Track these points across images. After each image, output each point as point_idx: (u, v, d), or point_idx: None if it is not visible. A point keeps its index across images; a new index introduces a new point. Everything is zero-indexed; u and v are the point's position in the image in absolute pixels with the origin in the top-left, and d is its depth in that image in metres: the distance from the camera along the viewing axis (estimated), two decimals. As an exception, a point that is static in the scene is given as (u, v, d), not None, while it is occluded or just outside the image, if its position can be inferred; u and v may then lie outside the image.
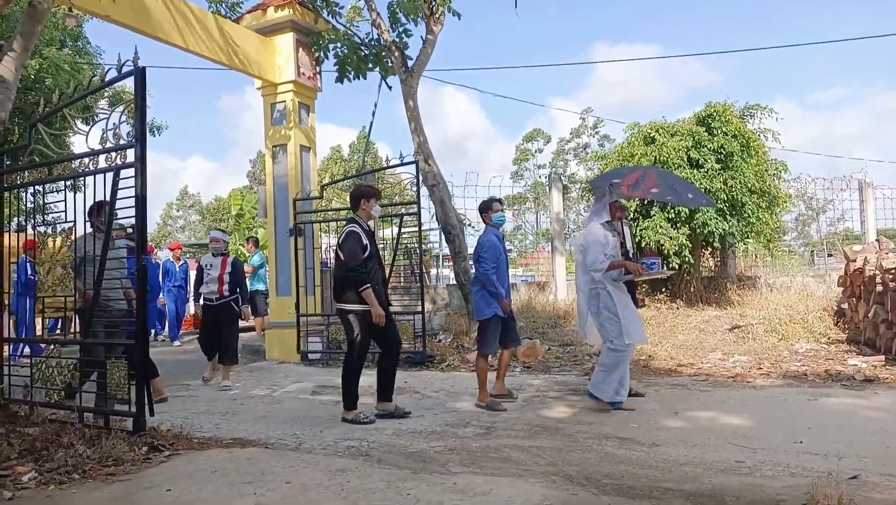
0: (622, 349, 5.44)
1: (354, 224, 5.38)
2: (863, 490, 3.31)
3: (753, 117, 12.11)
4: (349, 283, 5.22)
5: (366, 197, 5.50)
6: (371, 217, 5.56)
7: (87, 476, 3.83)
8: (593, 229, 5.66)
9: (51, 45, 12.98)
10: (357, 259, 5.19)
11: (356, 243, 5.25)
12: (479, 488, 3.50)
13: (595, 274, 5.55)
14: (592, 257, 5.53)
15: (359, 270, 5.18)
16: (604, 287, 5.55)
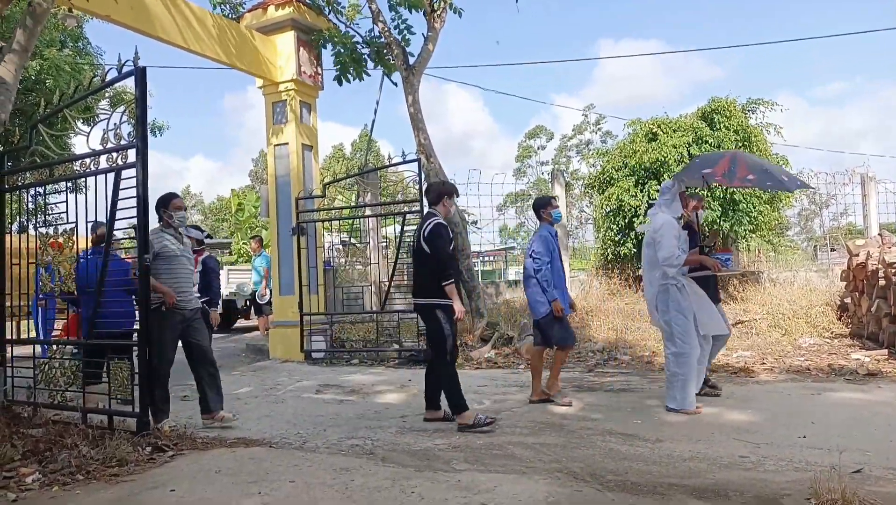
0: (687, 351, 5.19)
1: (437, 217, 5.17)
2: (866, 484, 3.30)
3: (755, 112, 12.10)
4: (434, 276, 4.99)
5: (449, 194, 5.33)
6: (449, 214, 5.41)
7: (91, 477, 3.84)
8: (665, 222, 5.33)
9: (51, 46, 13.01)
10: (447, 252, 5.02)
11: (446, 235, 5.08)
12: (484, 486, 3.50)
13: (669, 269, 5.25)
14: (667, 252, 5.19)
15: (448, 263, 5.02)
16: (676, 283, 5.30)
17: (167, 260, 5.04)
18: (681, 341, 5.23)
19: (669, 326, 5.32)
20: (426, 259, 5.06)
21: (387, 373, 8.05)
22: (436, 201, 5.30)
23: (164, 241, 5.07)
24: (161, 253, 5.01)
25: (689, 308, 5.28)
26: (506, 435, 4.67)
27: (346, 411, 5.73)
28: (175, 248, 5.10)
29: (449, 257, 5.02)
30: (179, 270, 5.09)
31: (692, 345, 5.22)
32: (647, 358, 8.13)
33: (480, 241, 14.11)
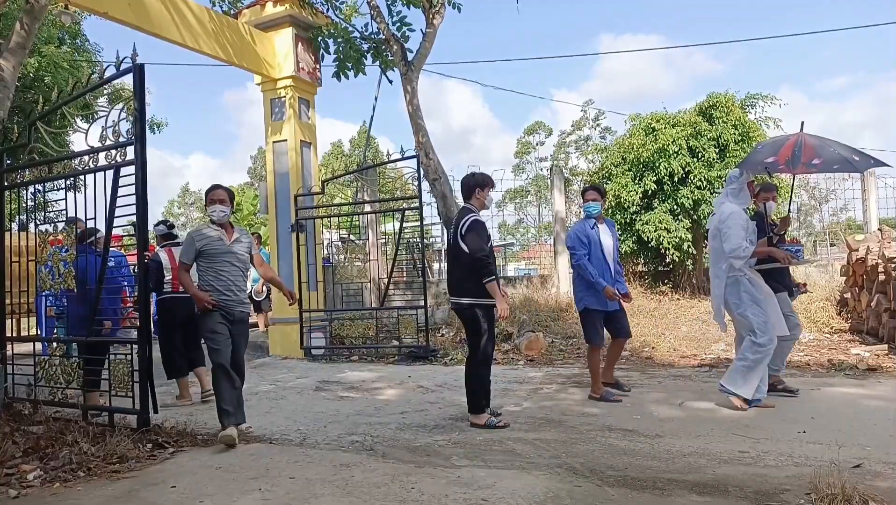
0: (765, 342, 4.99)
1: (473, 212, 4.96)
2: (866, 478, 3.31)
3: (755, 107, 12.09)
4: (472, 274, 4.79)
5: (480, 186, 5.06)
6: (485, 207, 5.15)
7: (92, 474, 3.85)
8: (733, 213, 5.14)
9: (49, 43, 12.98)
10: (485, 249, 4.79)
11: (483, 231, 4.88)
12: (484, 481, 3.51)
13: (737, 261, 5.06)
14: (735, 243, 5.00)
15: (487, 260, 4.78)
16: (744, 274, 5.11)
17: (209, 258, 4.72)
18: (760, 332, 5.01)
19: (747, 319, 5.08)
20: (463, 257, 4.84)
21: (386, 369, 8.06)
22: (468, 196, 5.08)
23: (206, 238, 4.73)
24: (204, 251, 4.72)
25: (765, 300, 5.10)
26: (505, 431, 4.67)
27: (346, 408, 5.73)
28: (219, 246, 4.74)
29: (487, 255, 4.80)
30: (223, 269, 4.72)
31: (771, 337, 5.02)
32: (646, 354, 8.14)
33: (480, 238, 14.06)
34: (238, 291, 4.81)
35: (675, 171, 10.58)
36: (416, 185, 9.09)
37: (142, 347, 4.81)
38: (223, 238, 4.78)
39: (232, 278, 4.76)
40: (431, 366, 8.21)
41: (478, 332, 4.85)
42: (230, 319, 4.72)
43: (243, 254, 4.88)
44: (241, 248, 4.86)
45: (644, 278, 12.10)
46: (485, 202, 5.11)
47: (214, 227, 4.79)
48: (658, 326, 9.43)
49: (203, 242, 4.72)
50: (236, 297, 4.78)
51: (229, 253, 4.77)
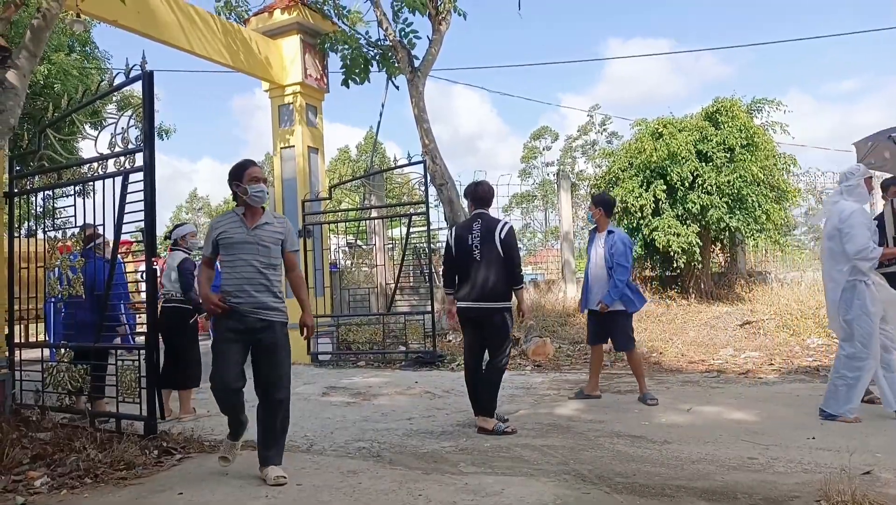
0: (864, 356, 4.71)
1: (508, 221, 5.14)
2: (876, 485, 3.28)
3: (761, 111, 12.06)
4: (507, 279, 4.86)
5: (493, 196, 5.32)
6: None
7: (99, 480, 3.85)
8: (854, 211, 4.80)
9: (59, 51, 13.08)
10: (519, 255, 5.00)
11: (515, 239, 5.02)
12: (491, 488, 3.49)
13: (863, 264, 4.71)
14: (860, 244, 4.66)
15: (520, 266, 4.97)
16: (865, 279, 4.75)
17: (225, 249, 3.87)
18: (861, 345, 4.73)
19: (850, 327, 4.78)
20: (499, 262, 4.84)
21: (393, 375, 8.05)
22: (487, 205, 5.20)
23: (223, 225, 3.90)
24: (220, 240, 3.88)
25: (877, 312, 4.75)
26: (513, 437, 4.66)
27: (353, 414, 5.73)
28: (236, 233, 3.84)
29: (520, 262, 4.99)
30: (238, 263, 3.82)
31: (872, 351, 4.71)
32: (654, 359, 8.10)
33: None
34: (258, 290, 3.81)
35: (685, 177, 10.56)
36: (423, 191, 9.11)
37: (149, 354, 4.82)
38: (243, 224, 3.88)
39: (248, 275, 3.81)
40: (438, 371, 8.19)
41: (508, 336, 4.95)
42: (244, 328, 3.79)
43: (269, 244, 3.89)
44: (267, 236, 3.89)
45: (652, 283, 12.06)
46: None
47: (239, 209, 3.95)
48: (666, 331, 9.39)
49: (219, 231, 3.88)
50: (253, 298, 3.79)
51: (246, 243, 3.84)
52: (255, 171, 3.92)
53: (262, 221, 3.92)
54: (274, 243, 3.92)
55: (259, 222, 3.90)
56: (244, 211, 3.92)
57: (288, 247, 4.00)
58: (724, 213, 10.42)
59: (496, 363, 4.93)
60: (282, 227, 3.99)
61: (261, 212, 3.95)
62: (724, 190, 10.44)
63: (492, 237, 4.88)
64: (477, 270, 4.91)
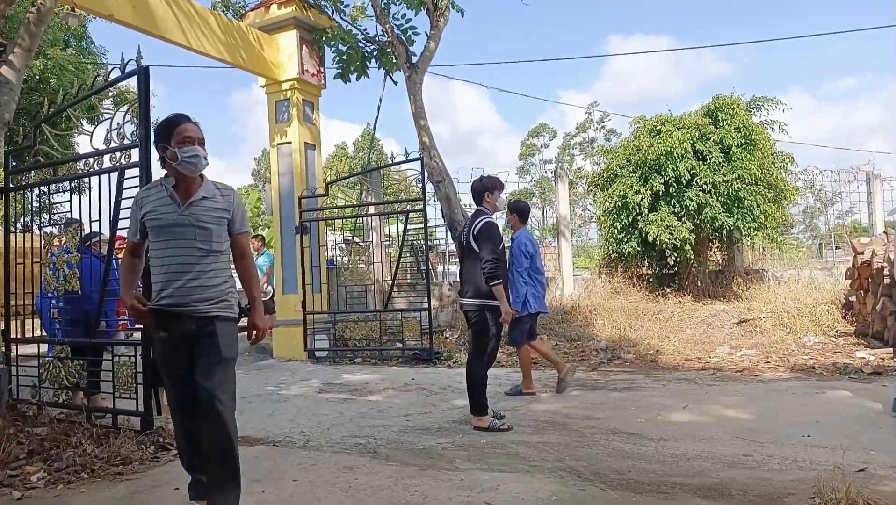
0: None
1: (486, 215, 5.04)
2: (870, 483, 3.29)
3: (761, 110, 12.07)
4: (482, 276, 4.84)
5: (489, 189, 5.15)
6: (497, 209, 5.25)
7: (96, 475, 3.86)
8: None
9: (55, 46, 13.05)
10: (495, 252, 4.86)
11: (495, 234, 4.95)
12: (487, 484, 3.50)
13: None
14: None
15: (495, 263, 4.84)
16: None
17: (155, 233, 3.03)
18: None
19: None
20: (473, 258, 4.92)
21: (390, 371, 8.05)
22: (479, 200, 5.18)
23: (151, 204, 3.03)
24: (148, 224, 3.05)
25: None
26: (509, 434, 4.66)
27: (349, 410, 5.73)
28: (165, 212, 2.99)
29: (496, 258, 4.86)
30: (169, 250, 2.99)
31: None
32: (650, 357, 8.12)
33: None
34: (193, 282, 2.97)
35: (682, 175, 10.56)
36: (420, 187, 9.10)
37: (145, 349, 4.82)
38: (173, 201, 3.00)
39: (180, 267, 2.97)
40: (435, 368, 8.20)
41: (485, 333, 4.91)
42: (180, 333, 2.99)
43: (209, 224, 3.01)
44: (206, 215, 3.01)
45: (648, 281, 12.08)
46: (496, 205, 5.19)
47: (168, 181, 3.05)
48: (662, 329, 9.41)
49: (145, 210, 3.04)
50: (186, 295, 2.97)
51: (178, 225, 2.97)
52: (187, 130, 3.03)
53: (199, 196, 3.02)
54: (215, 223, 3.04)
55: (195, 197, 3.01)
56: (175, 183, 3.03)
57: (237, 227, 3.13)
58: (720, 212, 10.43)
59: (472, 361, 5.00)
60: (227, 201, 3.09)
61: (197, 183, 3.05)
62: (721, 189, 10.45)
63: (470, 233, 4.99)
64: (461, 267, 5.16)
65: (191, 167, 3.00)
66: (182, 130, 3.03)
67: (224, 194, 3.13)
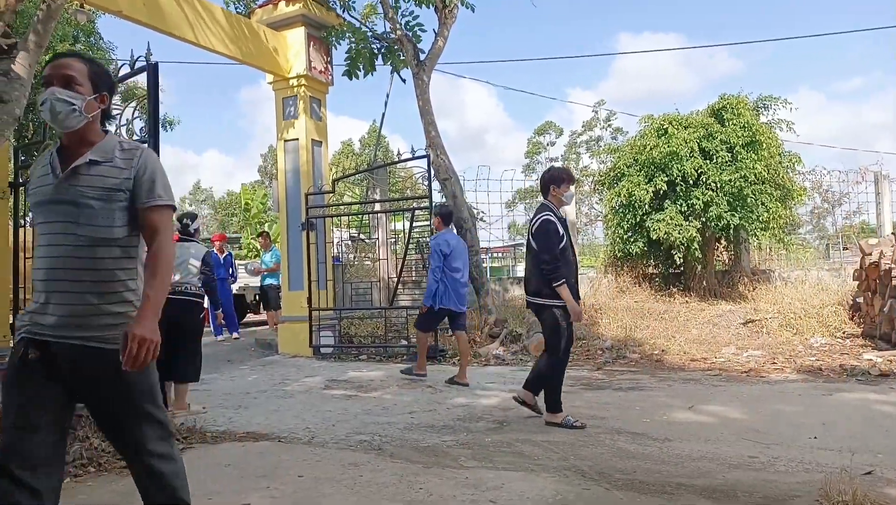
0: None
1: (548, 212, 4.87)
2: (877, 486, 3.28)
3: (768, 109, 12.02)
4: (544, 275, 4.76)
5: (556, 182, 4.94)
6: (563, 203, 5.05)
7: (103, 469, 3.88)
8: None
9: (64, 41, 13.09)
10: (552, 251, 4.71)
11: (552, 233, 4.77)
12: (492, 483, 3.50)
13: None
14: None
15: (554, 263, 4.70)
16: None
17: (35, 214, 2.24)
18: None
19: None
20: (534, 256, 4.85)
21: (395, 369, 8.05)
22: (545, 193, 5.03)
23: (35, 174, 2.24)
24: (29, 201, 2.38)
25: None
26: (514, 432, 4.67)
27: (354, 407, 5.75)
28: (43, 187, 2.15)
29: (555, 257, 4.71)
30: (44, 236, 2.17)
31: None
32: (656, 357, 8.10)
33: (489, 238, 14.12)
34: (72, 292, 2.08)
35: (689, 174, 10.53)
36: (427, 185, 9.10)
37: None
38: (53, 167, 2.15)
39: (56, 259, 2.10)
40: (440, 366, 8.21)
41: (556, 329, 4.82)
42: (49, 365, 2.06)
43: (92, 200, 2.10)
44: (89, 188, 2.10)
45: (654, 280, 12.05)
46: (562, 199, 4.99)
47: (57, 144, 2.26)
48: (668, 329, 9.39)
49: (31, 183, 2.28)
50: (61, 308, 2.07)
51: (54, 203, 2.12)
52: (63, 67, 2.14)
53: (86, 160, 2.12)
54: (103, 199, 2.10)
55: (80, 162, 2.11)
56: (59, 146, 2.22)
57: (143, 199, 2.14)
58: (725, 211, 10.39)
59: (545, 358, 4.96)
60: (127, 163, 2.15)
61: (87, 143, 2.17)
62: (726, 188, 10.41)
63: (530, 230, 4.98)
64: (525, 262, 5.16)
65: (49, 118, 2.16)
66: (56, 68, 2.15)
67: (125, 156, 2.17)
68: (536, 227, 4.84)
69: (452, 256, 6.86)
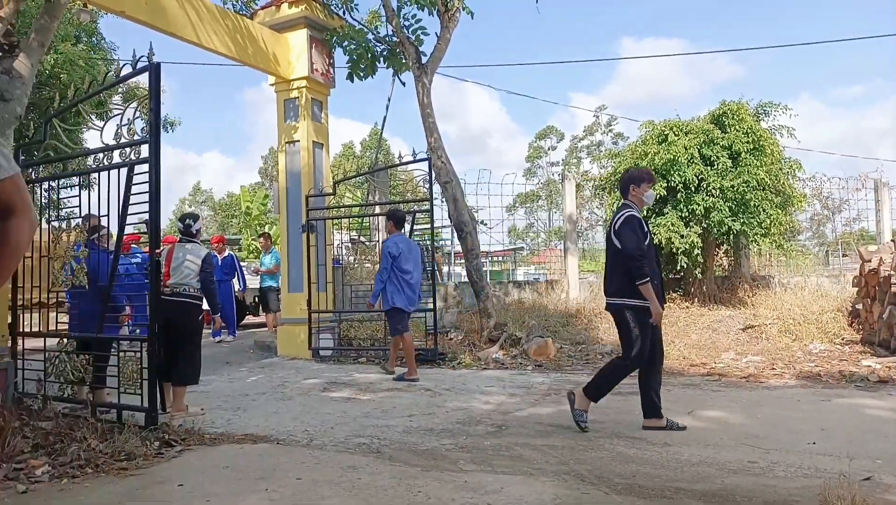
0: None
1: (630, 209, 4.76)
2: (876, 492, 3.27)
3: (769, 115, 12.03)
4: (625, 273, 4.61)
5: (635, 181, 4.86)
6: (644, 203, 4.96)
7: (100, 470, 3.87)
8: None
9: (66, 41, 13.11)
10: (639, 247, 4.56)
11: (638, 229, 4.63)
12: (491, 486, 3.49)
13: None
14: None
15: (639, 260, 4.55)
16: None
17: None
18: None
19: None
20: (617, 255, 4.70)
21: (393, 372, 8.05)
22: (625, 193, 4.92)
23: None
24: None
25: None
26: (513, 436, 4.66)
27: (353, 410, 5.74)
28: None
29: (642, 254, 4.56)
30: None
31: None
32: (655, 361, 8.08)
33: (490, 242, 14.09)
34: None
35: (690, 180, 10.54)
36: (428, 188, 9.10)
37: (151, 345, 4.83)
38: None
39: None
40: (439, 369, 8.20)
41: (629, 335, 4.64)
42: None
43: None
44: None
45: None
46: (643, 198, 4.91)
47: None
48: (668, 334, 9.34)
49: None
50: None
51: None
52: None
53: None
54: None
55: None
56: None
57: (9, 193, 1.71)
58: (727, 217, 10.39)
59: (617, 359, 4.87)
60: None
61: None
62: (728, 194, 10.41)
63: (612, 227, 4.78)
64: (605, 262, 4.99)
65: None
66: None
67: None
68: (621, 223, 4.67)
69: (402, 257, 7.31)
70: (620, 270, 4.68)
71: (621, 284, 4.67)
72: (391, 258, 7.28)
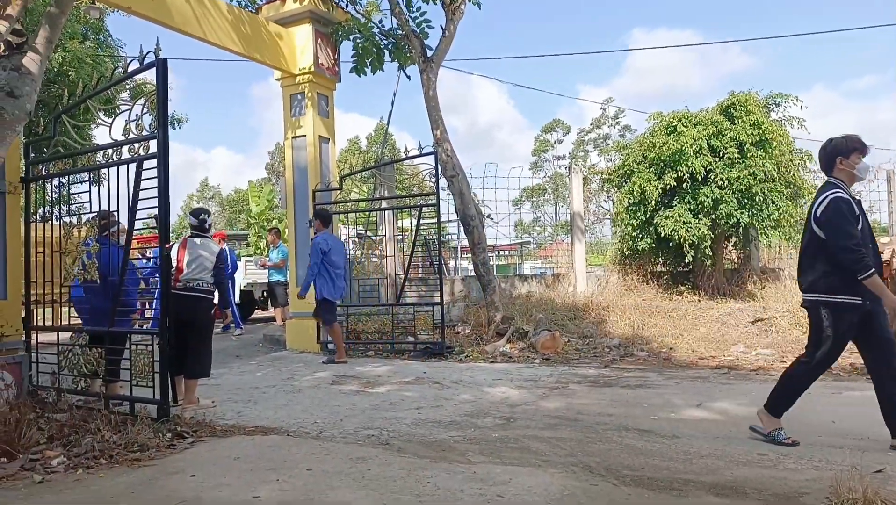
0: None
1: (837, 189, 3.94)
2: (888, 484, 3.26)
3: (779, 106, 11.95)
4: (828, 264, 3.92)
5: (842, 152, 3.99)
6: (856, 178, 4.07)
7: (114, 461, 3.92)
8: None
9: (74, 39, 13.15)
10: (851, 234, 3.79)
11: (847, 213, 3.84)
12: (499, 478, 3.51)
13: None
14: None
15: (855, 252, 3.77)
16: None
17: None
18: None
19: None
20: (815, 243, 3.98)
21: (401, 365, 8.08)
22: (828, 168, 4.06)
23: None
24: None
25: None
26: (521, 428, 4.67)
27: (362, 402, 5.76)
28: None
29: (858, 242, 3.79)
30: None
31: None
32: (664, 354, 8.08)
33: (496, 236, 14.07)
34: None
35: (697, 171, 10.49)
36: (434, 182, 9.10)
37: (162, 339, 4.87)
38: None
39: None
40: (447, 362, 8.22)
41: (818, 333, 4.03)
42: None
43: None
44: None
45: (663, 278, 12.01)
46: (854, 173, 4.03)
47: None
48: (677, 327, 9.36)
49: None
50: None
51: None
52: None
53: None
54: None
55: None
56: None
57: None
58: (735, 209, 10.35)
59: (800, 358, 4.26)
60: None
61: None
62: (735, 186, 10.37)
63: (812, 213, 4.01)
64: (800, 251, 4.21)
65: None
66: None
67: None
68: (825, 207, 3.88)
69: (332, 252, 8.09)
70: (820, 260, 3.97)
71: (818, 277, 3.97)
72: (321, 253, 8.00)
